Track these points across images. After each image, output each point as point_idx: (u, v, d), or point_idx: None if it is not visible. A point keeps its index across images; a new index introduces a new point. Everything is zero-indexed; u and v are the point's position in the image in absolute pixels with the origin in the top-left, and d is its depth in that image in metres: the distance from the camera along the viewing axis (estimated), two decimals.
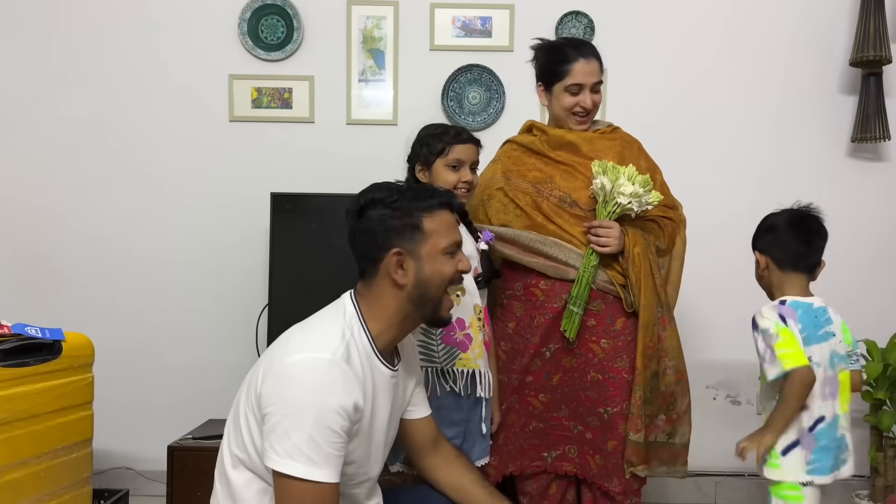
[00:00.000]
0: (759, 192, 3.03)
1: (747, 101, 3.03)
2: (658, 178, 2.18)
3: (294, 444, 1.26)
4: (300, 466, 1.26)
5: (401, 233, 1.43)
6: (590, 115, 2.13)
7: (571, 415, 2.07)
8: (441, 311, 1.48)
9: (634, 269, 2.00)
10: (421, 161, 1.99)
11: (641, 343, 2.01)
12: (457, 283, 1.49)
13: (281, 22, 2.99)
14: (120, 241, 3.00)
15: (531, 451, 2.11)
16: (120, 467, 2.96)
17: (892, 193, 3.06)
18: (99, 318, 2.93)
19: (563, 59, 2.09)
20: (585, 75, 2.07)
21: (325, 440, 1.27)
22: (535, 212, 2.07)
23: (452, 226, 1.49)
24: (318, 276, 2.70)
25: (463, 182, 1.95)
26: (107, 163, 3.00)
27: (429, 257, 1.43)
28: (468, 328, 1.91)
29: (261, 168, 3.00)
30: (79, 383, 2.21)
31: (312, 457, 1.26)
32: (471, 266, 1.48)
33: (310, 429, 1.26)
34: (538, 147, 2.15)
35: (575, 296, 1.99)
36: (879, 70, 2.93)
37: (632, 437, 2.00)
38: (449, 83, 3.00)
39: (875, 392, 2.69)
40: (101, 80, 2.99)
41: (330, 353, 1.32)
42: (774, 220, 1.95)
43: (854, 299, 3.02)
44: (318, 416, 1.27)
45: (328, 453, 1.28)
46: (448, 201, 1.49)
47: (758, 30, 3.03)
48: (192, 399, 2.94)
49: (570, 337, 1.99)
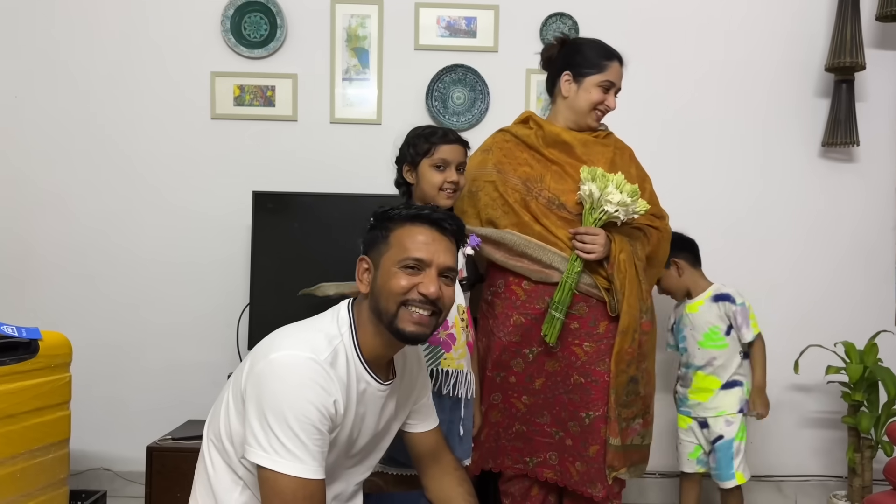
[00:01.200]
0: (736, 193, 3.07)
1: (724, 103, 3.06)
2: (648, 186, 2.20)
3: (276, 439, 1.26)
4: (284, 462, 1.26)
5: (373, 241, 1.44)
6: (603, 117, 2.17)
7: (553, 420, 2.07)
8: (398, 324, 1.37)
9: (619, 275, 2.01)
10: (408, 161, 1.99)
11: (618, 347, 2.02)
12: (416, 302, 1.38)
13: (264, 19, 2.97)
14: (99, 240, 2.96)
15: (514, 452, 2.11)
16: (98, 468, 2.92)
17: (864, 194, 3.10)
18: (77, 317, 2.90)
19: (605, 55, 2.12)
20: (618, 77, 2.13)
21: (307, 436, 1.27)
22: (523, 210, 2.07)
23: (423, 243, 1.39)
24: (300, 276, 2.68)
25: (448, 182, 1.95)
26: (86, 160, 2.96)
27: (384, 269, 1.40)
28: (451, 328, 1.91)
29: (243, 166, 2.98)
30: (56, 383, 2.18)
31: (295, 452, 1.26)
32: (434, 293, 1.37)
33: (291, 424, 1.26)
34: (532, 141, 2.15)
35: (557, 301, 1.99)
36: (851, 77, 2.97)
37: (612, 442, 2.01)
38: (433, 83, 3.00)
39: (853, 394, 2.72)
40: (81, 76, 2.96)
41: (313, 353, 1.32)
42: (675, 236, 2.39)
43: (830, 301, 3.07)
44: (300, 412, 1.26)
45: (310, 449, 1.28)
46: (429, 217, 1.42)
47: (737, 35, 3.06)
48: (171, 399, 2.91)
49: (550, 342, 2.00)
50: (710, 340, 2.53)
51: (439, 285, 1.39)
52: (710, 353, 2.53)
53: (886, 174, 3.11)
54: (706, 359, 2.53)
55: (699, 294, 2.57)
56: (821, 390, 3.01)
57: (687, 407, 2.59)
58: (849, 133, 2.97)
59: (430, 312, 1.38)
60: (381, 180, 2.69)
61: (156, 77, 2.97)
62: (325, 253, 2.64)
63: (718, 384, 2.52)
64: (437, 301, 1.38)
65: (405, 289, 1.37)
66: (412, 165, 1.98)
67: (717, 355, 2.52)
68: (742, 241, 3.05)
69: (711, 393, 2.52)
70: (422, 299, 1.37)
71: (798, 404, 3.07)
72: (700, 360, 2.54)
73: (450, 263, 1.41)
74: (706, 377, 2.53)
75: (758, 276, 3.03)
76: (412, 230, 1.41)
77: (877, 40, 3.07)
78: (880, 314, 3.07)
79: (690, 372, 2.57)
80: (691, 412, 2.58)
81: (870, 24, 3.01)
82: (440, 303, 1.39)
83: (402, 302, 1.37)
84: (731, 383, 2.51)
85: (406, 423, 1.62)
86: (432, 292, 1.36)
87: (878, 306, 3.08)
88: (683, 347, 2.60)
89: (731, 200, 3.06)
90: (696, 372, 2.55)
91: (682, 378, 2.64)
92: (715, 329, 2.53)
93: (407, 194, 2.01)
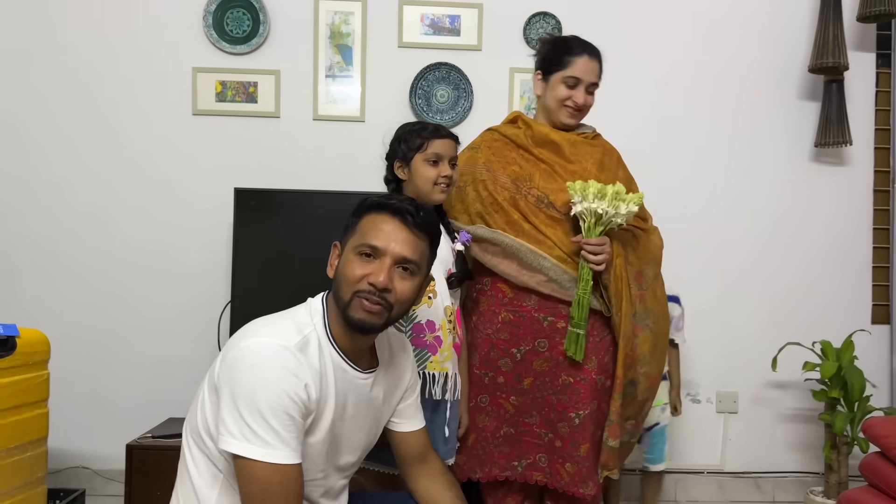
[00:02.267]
0: (725, 196, 3.10)
1: (710, 105, 3.09)
2: (634, 189, 2.18)
3: (248, 427, 1.26)
4: (257, 449, 1.26)
5: (346, 228, 1.45)
6: (581, 113, 2.14)
7: (542, 421, 2.06)
8: (349, 311, 1.37)
9: (615, 280, 2.01)
10: (399, 157, 1.97)
11: (623, 353, 2.02)
12: (365, 294, 1.36)
13: (247, 15, 2.95)
14: (78, 236, 2.93)
15: (501, 459, 2.09)
16: (76, 466, 2.90)
17: (852, 196, 3.14)
18: (56, 314, 2.87)
19: (568, 50, 2.10)
20: (585, 72, 2.08)
21: (279, 422, 1.27)
22: (512, 209, 2.06)
23: (382, 231, 1.39)
24: (281, 274, 2.68)
25: (443, 177, 1.94)
26: (65, 156, 2.93)
27: (346, 253, 1.41)
28: (438, 330, 1.90)
29: (224, 163, 2.96)
30: (34, 380, 2.16)
31: (267, 438, 1.26)
32: (383, 282, 1.35)
33: (263, 411, 1.26)
34: (521, 140, 2.14)
35: (576, 318, 1.98)
36: (841, 77, 3.00)
37: (610, 444, 2.02)
38: (417, 81, 3.00)
39: (829, 391, 2.75)
40: (59, 70, 2.92)
41: (283, 339, 1.32)
42: None
43: (808, 299, 3.11)
44: (270, 399, 1.26)
45: (283, 435, 1.27)
46: (394, 207, 1.41)
47: (722, 36, 3.09)
48: (151, 397, 2.89)
49: (578, 359, 1.99)
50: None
51: (391, 276, 1.37)
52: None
53: (864, 175, 3.15)
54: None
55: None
56: (798, 387, 3.05)
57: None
58: (841, 133, 3.00)
59: (381, 303, 1.37)
60: (365, 178, 2.69)
61: (137, 72, 2.94)
62: (308, 250, 2.61)
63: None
64: (387, 293, 1.36)
65: (357, 277, 1.37)
66: (404, 161, 1.96)
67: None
68: (722, 240, 3.08)
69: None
70: (371, 290, 1.36)
71: (776, 401, 3.11)
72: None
73: (406, 254, 1.38)
74: None
75: (737, 274, 3.07)
76: (376, 218, 1.41)
77: (857, 42, 3.11)
78: (858, 313, 3.12)
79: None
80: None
81: (851, 25, 3.05)
82: (390, 296, 1.37)
83: (355, 291, 1.36)
84: (664, 376, 2.61)
85: (392, 422, 1.61)
86: (380, 281, 1.35)
87: (856, 305, 3.13)
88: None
89: (710, 200, 3.09)
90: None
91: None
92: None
93: (397, 191, 2.00)
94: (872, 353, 3.06)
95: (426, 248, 1.45)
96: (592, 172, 2.07)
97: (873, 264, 3.15)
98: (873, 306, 3.15)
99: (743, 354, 3.06)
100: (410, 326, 1.88)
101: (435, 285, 1.90)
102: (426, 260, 1.46)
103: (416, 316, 1.89)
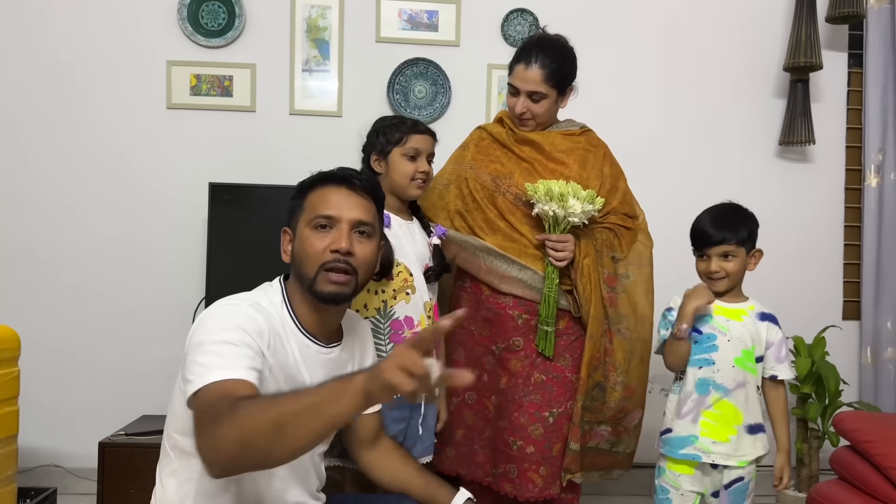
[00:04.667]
0: (692, 192, 3.11)
1: (680, 102, 3.11)
2: (622, 185, 2.18)
3: (202, 364, 1.20)
4: (206, 376, 1.17)
5: (292, 211, 1.46)
6: (531, 122, 2.10)
7: (511, 427, 2.02)
8: (316, 286, 1.37)
9: (583, 280, 2.01)
10: (377, 150, 1.96)
11: (588, 354, 2.01)
12: (331, 263, 1.36)
13: (222, 8, 2.92)
14: (49, 232, 2.89)
15: (486, 462, 2.09)
16: (48, 465, 2.85)
17: (824, 194, 3.18)
18: (26, 311, 2.83)
19: (516, 56, 2.09)
20: (521, 80, 2.04)
21: (232, 351, 1.22)
22: (489, 206, 2.07)
23: (332, 201, 1.40)
24: (257, 269, 2.62)
25: (420, 172, 1.94)
26: (35, 149, 2.88)
27: (299, 233, 1.42)
28: (416, 326, 1.90)
29: (199, 157, 2.92)
30: (4, 377, 2.13)
31: (215, 362, 1.19)
32: (345, 246, 1.37)
33: (215, 346, 1.22)
34: (504, 139, 2.15)
35: (544, 316, 1.98)
36: (807, 76, 3.05)
37: (571, 447, 2.01)
38: (395, 76, 2.99)
39: (802, 387, 2.79)
40: (31, 62, 2.87)
41: (236, 302, 1.33)
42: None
43: (782, 296, 3.14)
44: (223, 333, 1.24)
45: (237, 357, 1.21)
46: (337, 176, 1.44)
47: (696, 35, 3.11)
48: (124, 394, 2.85)
49: (549, 355, 2.00)
50: (747, 359, 1.94)
51: (351, 241, 1.39)
52: (744, 376, 1.94)
53: (836, 173, 3.20)
54: (738, 381, 1.93)
55: (740, 302, 2.00)
56: None
57: (696, 449, 1.93)
58: (805, 132, 3.04)
59: (347, 270, 1.38)
60: None
61: (110, 65, 2.90)
62: None
63: (741, 420, 1.93)
64: (350, 257, 1.38)
65: (319, 250, 1.37)
66: (381, 154, 1.96)
67: (749, 380, 1.94)
68: None
69: (733, 432, 1.92)
70: (337, 258, 1.37)
71: None
72: (731, 380, 1.93)
73: (361, 217, 1.41)
74: (731, 406, 1.93)
75: None
76: (322, 191, 1.42)
77: (829, 42, 3.15)
78: (829, 310, 3.16)
79: (709, 398, 1.93)
80: (701, 455, 1.92)
81: (823, 25, 3.08)
82: (353, 260, 1.39)
83: (321, 265, 1.37)
84: (757, 427, 1.96)
85: None
86: (343, 246, 1.36)
87: (827, 302, 3.17)
88: (705, 359, 1.94)
89: (683, 198, 3.10)
90: (721, 399, 1.93)
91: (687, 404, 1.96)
92: (751, 351, 1.95)
93: None
94: (843, 348, 3.10)
95: (375, 209, 1.47)
96: (574, 169, 2.07)
97: (844, 261, 3.20)
98: (844, 302, 3.20)
99: None
100: (389, 323, 1.88)
101: (413, 280, 1.90)
102: (377, 221, 1.48)
103: (394, 312, 1.88)
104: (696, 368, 1.94)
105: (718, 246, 1.94)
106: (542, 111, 2.07)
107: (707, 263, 1.96)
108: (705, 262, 1.97)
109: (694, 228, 2.02)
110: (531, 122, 2.10)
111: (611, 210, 2.12)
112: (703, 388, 1.93)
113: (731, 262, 1.94)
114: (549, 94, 2.05)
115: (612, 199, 2.13)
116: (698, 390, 1.93)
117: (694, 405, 1.95)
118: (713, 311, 1.95)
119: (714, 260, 1.95)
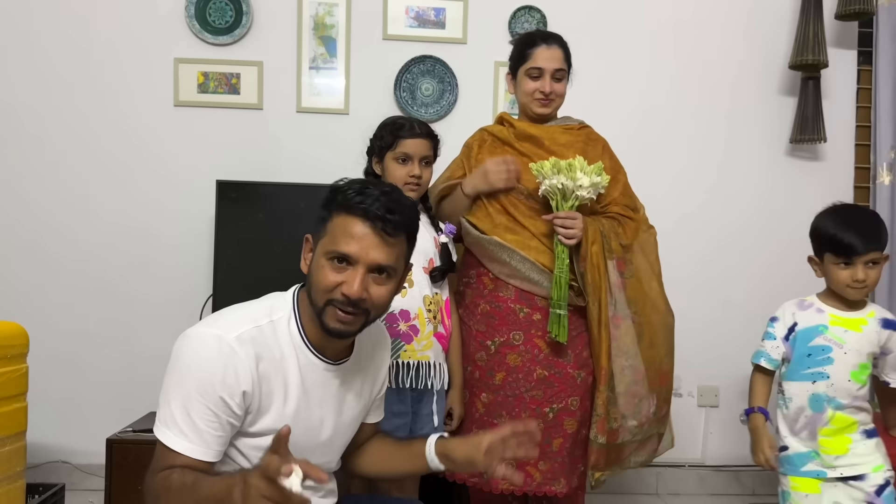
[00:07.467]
0: (703, 191, 3.11)
1: (688, 100, 3.10)
2: (622, 178, 2.20)
3: (170, 413, 1.27)
4: (171, 436, 1.27)
5: (319, 222, 1.38)
6: (553, 103, 2.14)
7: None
8: (324, 318, 1.31)
9: (592, 268, 2.01)
10: (375, 153, 1.99)
11: (605, 342, 2.01)
12: (338, 303, 1.29)
13: (230, 6, 2.92)
14: (57, 228, 2.90)
15: None
16: (56, 461, 2.87)
17: (833, 192, 3.15)
18: (35, 307, 2.84)
19: (528, 44, 2.13)
20: (546, 60, 2.10)
21: (199, 415, 1.25)
22: (490, 202, 2.09)
23: (354, 238, 1.29)
24: (264, 267, 2.66)
25: (411, 176, 1.94)
26: (44, 147, 2.89)
27: (317, 256, 1.34)
28: (413, 319, 1.90)
29: (206, 155, 2.93)
30: (12, 374, 2.13)
31: (184, 429, 1.26)
32: (356, 294, 1.28)
33: (184, 401, 1.26)
34: (505, 136, 2.17)
35: (556, 298, 1.97)
36: (818, 74, 3.03)
37: (599, 440, 1.99)
38: (402, 74, 2.98)
39: None
40: (39, 60, 2.88)
41: (223, 331, 1.29)
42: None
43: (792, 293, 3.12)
44: (194, 390, 1.25)
45: (200, 429, 1.26)
46: (367, 212, 1.29)
47: (704, 32, 3.10)
48: (132, 391, 2.86)
49: (562, 341, 1.98)
50: (863, 372, 1.90)
51: (365, 285, 1.30)
52: (857, 389, 1.90)
53: (846, 171, 3.18)
54: (852, 394, 1.89)
55: (859, 311, 1.92)
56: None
57: (818, 465, 1.90)
58: (816, 130, 3.02)
59: (356, 312, 1.31)
60: (349, 170, 2.64)
61: (118, 62, 2.91)
62: (290, 244, 2.58)
63: (855, 428, 1.90)
64: (361, 302, 1.30)
65: (330, 286, 1.30)
66: (379, 158, 1.98)
67: (862, 393, 1.91)
68: (703, 234, 3.10)
69: (850, 441, 1.89)
70: (344, 300, 1.29)
71: None
72: (846, 394, 1.89)
73: (382, 261, 1.31)
74: (847, 419, 1.89)
75: (718, 273, 3.09)
76: (347, 221, 1.31)
77: (838, 39, 3.13)
78: None
79: (825, 415, 1.89)
80: (826, 472, 1.88)
81: (833, 22, 3.07)
82: (365, 304, 1.31)
83: (328, 300, 1.30)
84: (873, 431, 1.92)
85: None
86: (354, 293, 1.28)
87: None
88: (818, 373, 1.89)
89: (692, 195, 3.10)
90: (838, 412, 1.89)
91: (800, 420, 1.92)
92: (868, 362, 1.90)
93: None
94: None
95: (403, 246, 1.37)
96: None
97: None
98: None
99: (723, 348, 3.08)
100: (384, 316, 1.88)
101: (411, 274, 1.90)
102: (403, 258, 1.39)
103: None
104: (809, 383, 1.89)
105: (867, 254, 1.86)
106: (563, 91, 2.15)
107: (852, 272, 1.86)
108: (850, 271, 1.86)
109: (831, 236, 1.91)
110: (555, 101, 2.15)
111: (612, 201, 2.14)
112: (817, 405, 1.88)
113: (874, 269, 1.87)
114: (566, 74, 2.15)
115: (613, 190, 2.15)
116: (812, 407, 1.88)
117: (808, 421, 1.90)
118: (829, 322, 1.90)
119: (860, 268, 1.85)
